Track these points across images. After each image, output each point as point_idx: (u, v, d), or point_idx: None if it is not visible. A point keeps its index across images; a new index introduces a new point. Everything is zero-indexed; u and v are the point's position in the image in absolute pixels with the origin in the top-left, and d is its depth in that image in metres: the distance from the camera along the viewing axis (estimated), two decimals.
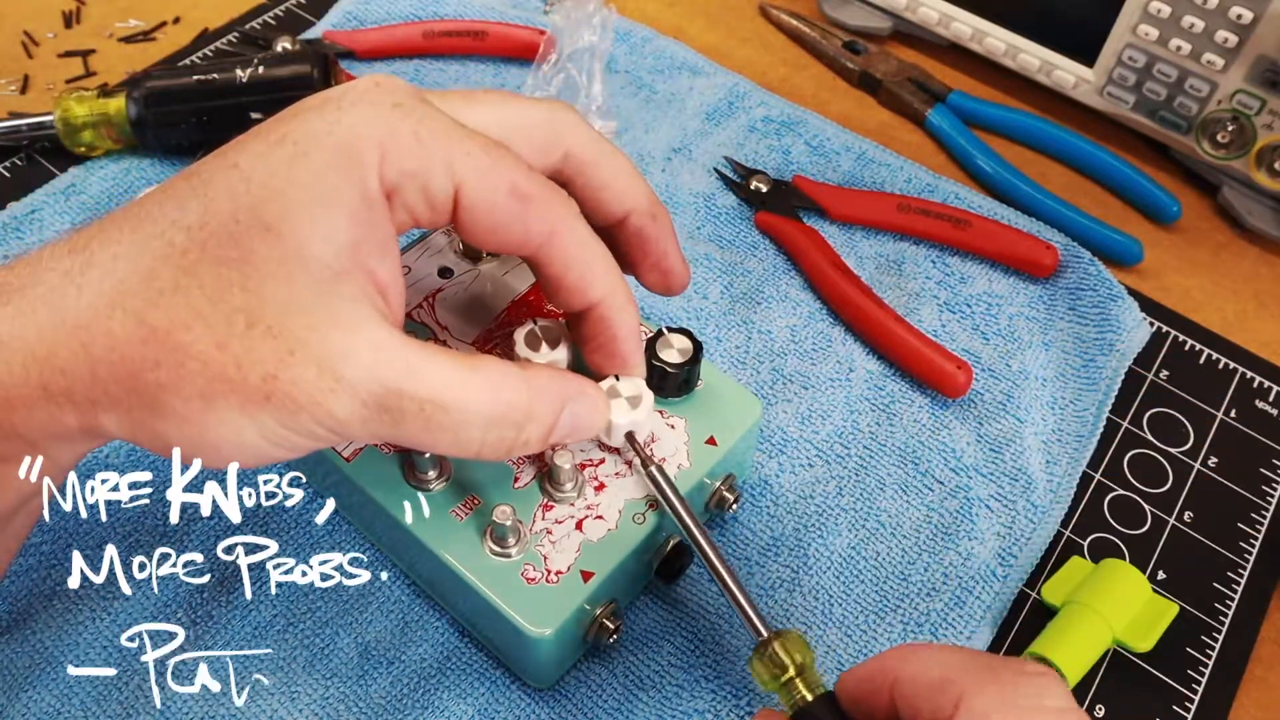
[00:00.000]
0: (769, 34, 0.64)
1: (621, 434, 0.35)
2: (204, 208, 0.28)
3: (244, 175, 0.28)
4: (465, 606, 0.36)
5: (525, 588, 0.33)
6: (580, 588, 0.33)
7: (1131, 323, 0.47)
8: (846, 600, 0.39)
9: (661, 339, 0.37)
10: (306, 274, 0.27)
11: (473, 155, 0.29)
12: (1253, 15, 0.49)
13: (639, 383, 0.35)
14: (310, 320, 0.27)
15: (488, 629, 0.36)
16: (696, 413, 0.37)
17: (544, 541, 0.34)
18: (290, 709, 0.36)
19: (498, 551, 0.34)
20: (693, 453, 0.36)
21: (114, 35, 0.60)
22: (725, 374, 0.39)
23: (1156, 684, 0.39)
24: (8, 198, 0.50)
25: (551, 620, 0.33)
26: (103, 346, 0.27)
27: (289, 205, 0.27)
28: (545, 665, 0.35)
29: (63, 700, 0.35)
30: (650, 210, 0.35)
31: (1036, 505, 0.42)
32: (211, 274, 0.27)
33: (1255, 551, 0.42)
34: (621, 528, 0.35)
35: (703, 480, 0.37)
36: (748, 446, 0.39)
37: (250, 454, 0.28)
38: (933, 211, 0.50)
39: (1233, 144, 0.53)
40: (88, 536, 0.39)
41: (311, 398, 0.27)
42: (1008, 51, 0.58)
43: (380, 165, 0.28)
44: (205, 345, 0.27)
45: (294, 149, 0.28)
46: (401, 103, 0.29)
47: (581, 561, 0.34)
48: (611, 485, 0.36)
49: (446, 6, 0.59)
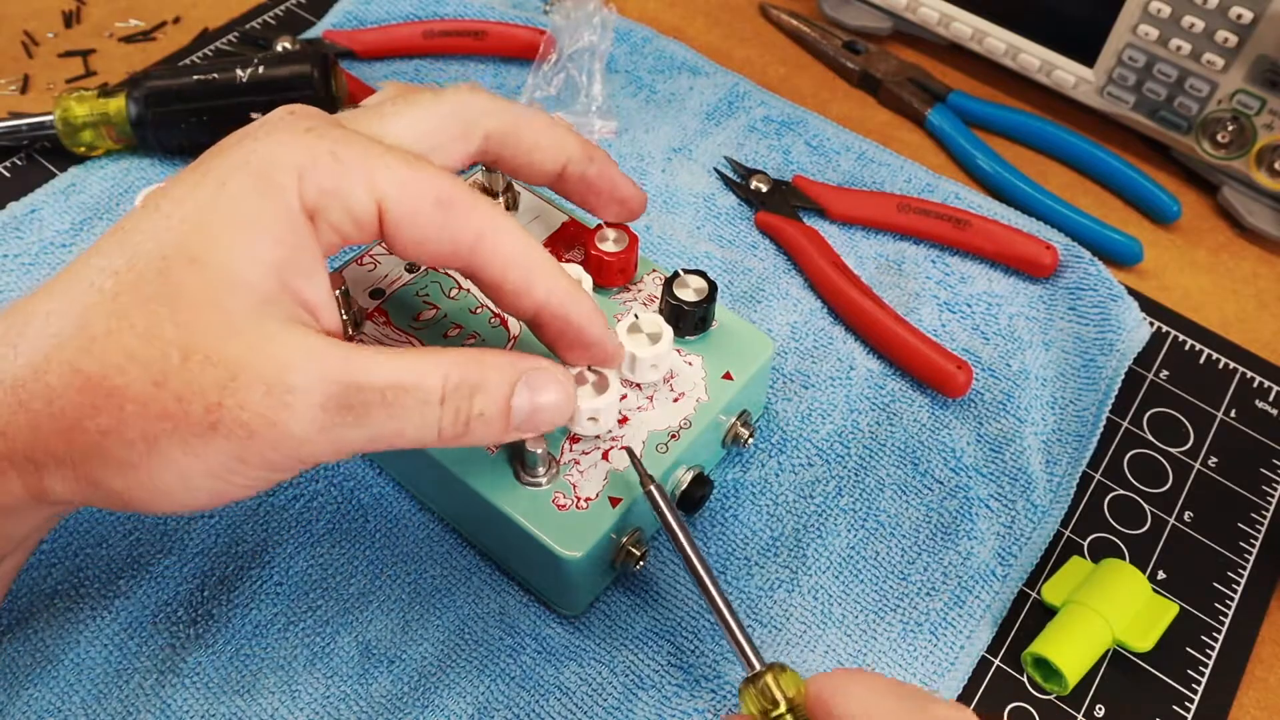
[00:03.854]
0: (769, 34, 0.64)
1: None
2: (131, 251, 0.28)
3: (166, 214, 0.28)
4: (498, 537, 0.37)
5: (556, 514, 0.35)
6: (609, 513, 0.35)
7: (1131, 323, 0.47)
8: (846, 600, 0.39)
9: (678, 279, 0.39)
10: (236, 299, 0.27)
11: (392, 169, 0.29)
12: (1253, 15, 0.49)
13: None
14: (248, 341, 0.27)
15: (521, 557, 0.37)
16: (712, 350, 0.39)
17: (572, 471, 0.36)
18: (290, 708, 0.36)
19: (529, 481, 0.35)
20: (710, 387, 0.38)
21: (114, 35, 0.60)
22: (740, 316, 0.41)
23: (1156, 684, 0.39)
24: (8, 198, 0.50)
25: (582, 543, 0.34)
26: (41, 401, 0.27)
27: (211, 235, 0.27)
28: (577, 589, 0.36)
29: (63, 699, 0.35)
30: (585, 154, 0.36)
31: (1036, 505, 0.42)
32: (142, 313, 0.27)
33: (1255, 551, 0.42)
34: (647, 458, 0.36)
35: (719, 416, 0.38)
36: (761, 383, 0.41)
37: (202, 495, 0.28)
38: (933, 211, 0.50)
39: (1233, 144, 0.53)
40: (88, 535, 0.39)
41: (264, 418, 0.27)
42: (1008, 51, 0.58)
43: (299, 187, 0.28)
44: (142, 385, 0.26)
45: (214, 182, 0.28)
46: (314, 127, 0.29)
47: (609, 489, 0.35)
48: (635, 418, 0.37)
49: (446, 6, 0.59)
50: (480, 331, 0.39)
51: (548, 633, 0.38)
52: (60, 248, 0.48)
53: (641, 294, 0.41)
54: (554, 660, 0.37)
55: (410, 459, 0.38)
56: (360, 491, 0.41)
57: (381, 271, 0.41)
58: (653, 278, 0.41)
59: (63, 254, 0.47)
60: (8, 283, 0.46)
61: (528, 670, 0.37)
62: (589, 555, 0.34)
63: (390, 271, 0.41)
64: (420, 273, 0.41)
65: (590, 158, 0.36)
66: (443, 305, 0.40)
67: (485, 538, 0.39)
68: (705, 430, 0.38)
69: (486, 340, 0.39)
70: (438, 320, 0.39)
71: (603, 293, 0.41)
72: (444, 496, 0.39)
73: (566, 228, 0.43)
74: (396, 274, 0.40)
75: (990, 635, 0.39)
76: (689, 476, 0.38)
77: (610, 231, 0.40)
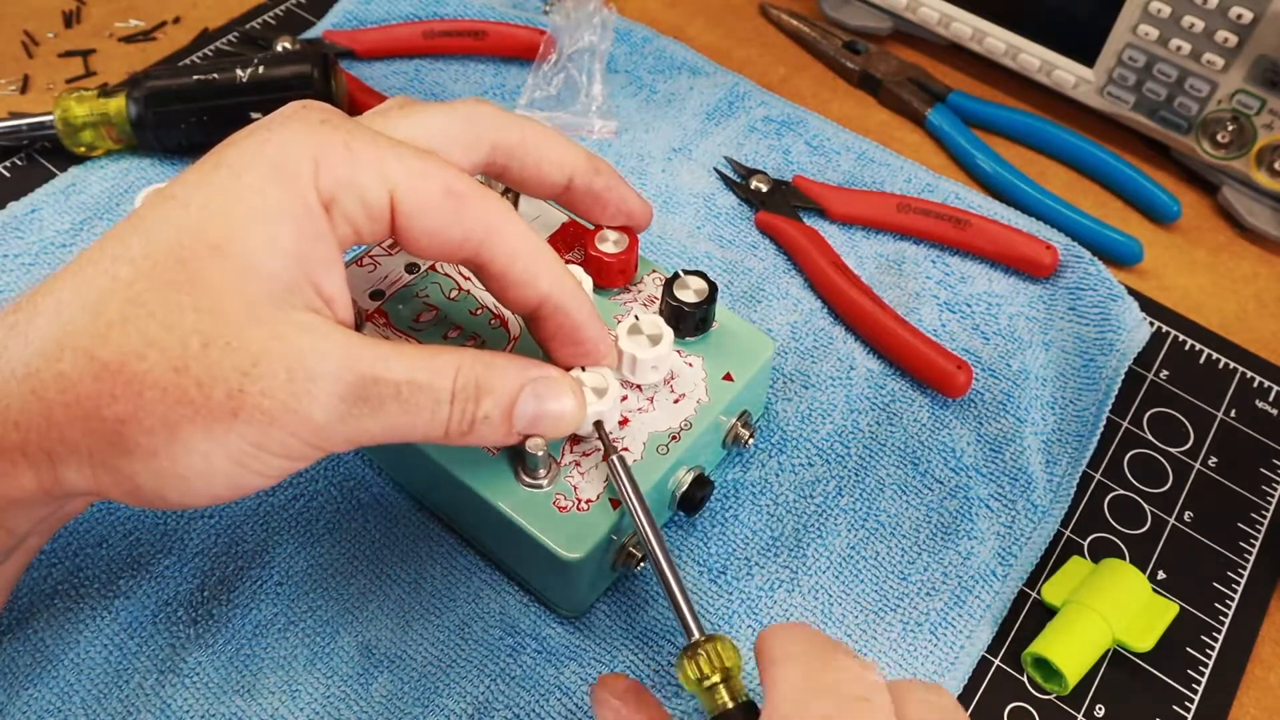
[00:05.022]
0: (769, 34, 0.64)
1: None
2: (146, 239, 0.27)
3: (183, 203, 0.28)
4: (499, 538, 0.37)
5: (557, 515, 0.35)
6: (609, 514, 0.35)
7: (1131, 323, 0.47)
8: (846, 600, 0.39)
9: (678, 280, 0.39)
10: (259, 286, 0.27)
11: (403, 160, 0.30)
12: (1253, 15, 0.49)
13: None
14: (270, 329, 0.27)
15: (522, 559, 0.37)
16: (713, 351, 0.39)
17: (573, 473, 0.36)
18: (290, 708, 0.36)
19: (530, 483, 0.35)
20: (711, 388, 0.38)
21: (114, 35, 0.60)
22: (740, 316, 0.41)
23: (1156, 684, 0.39)
24: (8, 198, 0.50)
25: (583, 545, 0.34)
26: (55, 390, 0.26)
27: (232, 222, 0.27)
28: (578, 590, 0.37)
29: (63, 699, 0.35)
30: (591, 167, 0.36)
31: (1036, 505, 0.42)
32: (161, 300, 0.27)
33: (1255, 551, 0.42)
34: (647, 459, 0.36)
35: (720, 416, 0.38)
36: (762, 383, 0.41)
37: (222, 483, 0.28)
38: (933, 211, 0.50)
39: (1233, 144, 0.53)
40: (89, 534, 0.39)
41: (285, 405, 0.27)
42: (1008, 51, 0.58)
43: (315, 176, 0.28)
44: (162, 371, 0.26)
45: (229, 172, 0.28)
46: (328, 119, 0.30)
47: (610, 491, 0.35)
48: (635, 419, 0.37)
49: (446, 6, 0.59)
50: (481, 332, 0.39)
51: (548, 633, 0.38)
52: (60, 248, 0.48)
53: (642, 295, 0.41)
54: (554, 660, 0.37)
55: (412, 461, 0.38)
56: (360, 491, 0.41)
57: (381, 273, 0.41)
58: (653, 278, 0.41)
59: (63, 254, 0.47)
60: (8, 283, 0.46)
61: (528, 670, 0.37)
62: (589, 556, 0.34)
63: (390, 273, 0.41)
64: (420, 274, 0.41)
65: (596, 170, 0.36)
66: (443, 306, 0.40)
67: (486, 539, 0.39)
68: (706, 431, 0.38)
69: (487, 341, 0.39)
70: (438, 321, 0.39)
71: (603, 293, 0.41)
72: (445, 498, 0.39)
73: (566, 228, 0.43)
74: (396, 275, 0.40)
75: (990, 635, 0.39)
76: (689, 477, 0.38)
77: (610, 233, 0.40)
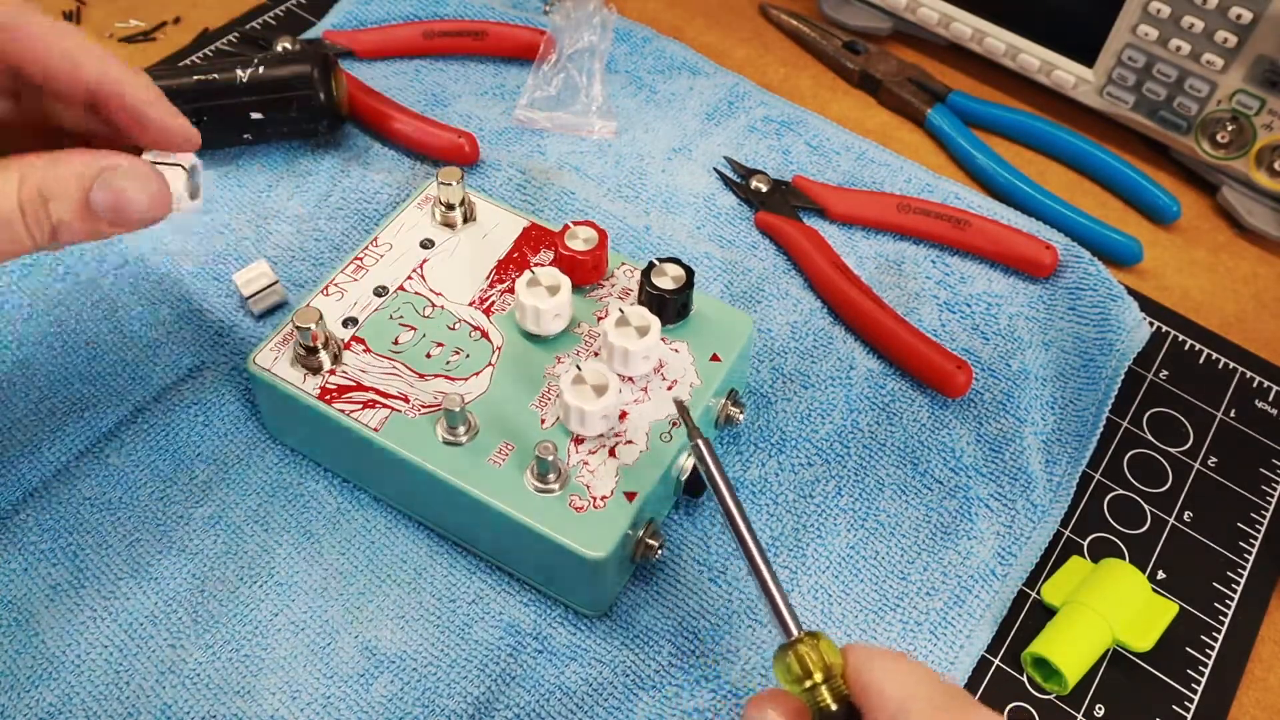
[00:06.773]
0: (769, 34, 0.64)
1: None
2: None
3: None
4: (520, 549, 0.37)
5: (575, 516, 0.35)
6: (626, 507, 0.35)
7: (1131, 323, 0.47)
8: (846, 600, 0.39)
9: (655, 269, 0.39)
10: None
11: None
12: (1253, 15, 0.49)
13: None
14: None
15: (544, 565, 0.37)
16: (695, 335, 0.40)
17: (583, 472, 0.36)
18: (290, 709, 0.36)
19: (541, 488, 0.35)
20: (701, 371, 0.39)
21: (114, 35, 0.60)
22: (713, 297, 0.42)
23: (1156, 684, 0.39)
24: None
25: (606, 542, 0.34)
26: None
27: None
28: (603, 588, 0.37)
29: (64, 699, 0.35)
30: (120, 76, 0.32)
31: (1036, 505, 0.42)
32: None
33: (1255, 551, 0.42)
34: (652, 447, 0.37)
35: (712, 398, 0.39)
36: (745, 360, 0.42)
37: None
38: (932, 211, 0.50)
39: (1232, 144, 0.53)
40: (89, 534, 0.39)
41: None
42: (1008, 51, 0.58)
43: None
44: None
45: None
46: None
47: (623, 484, 0.36)
48: (634, 411, 0.38)
49: (446, 6, 0.59)
50: (463, 346, 0.39)
51: (548, 633, 0.38)
52: None
53: (616, 288, 0.41)
54: (554, 660, 0.37)
55: (419, 487, 0.38)
56: (360, 492, 0.41)
57: (350, 299, 0.40)
58: (623, 270, 0.42)
59: (62, 253, 0.47)
60: (8, 283, 0.46)
61: (528, 670, 0.37)
62: (613, 553, 0.35)
63: (359, 299, 0.40)
64: (390, 295, 0.41)
65: (131, 82, 0.33)
66: (419, 325, 0.40)
67: (507, 553, 0.38)
68: (703, 414, 0.38)
69: (471, 354, 0.39)
70: (418, 340, 0.39)
71: (578, 291, 0.41)
72: (456, 516, 0.38)
73: (529, 232, 0.43)
74: (365, 300, 0.40)
75: (990, 635, 0.39)
76: (691, 463, 0.38)
77: (579, 230, 0.40)
